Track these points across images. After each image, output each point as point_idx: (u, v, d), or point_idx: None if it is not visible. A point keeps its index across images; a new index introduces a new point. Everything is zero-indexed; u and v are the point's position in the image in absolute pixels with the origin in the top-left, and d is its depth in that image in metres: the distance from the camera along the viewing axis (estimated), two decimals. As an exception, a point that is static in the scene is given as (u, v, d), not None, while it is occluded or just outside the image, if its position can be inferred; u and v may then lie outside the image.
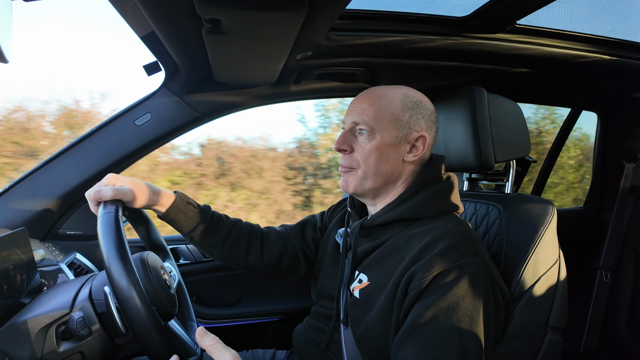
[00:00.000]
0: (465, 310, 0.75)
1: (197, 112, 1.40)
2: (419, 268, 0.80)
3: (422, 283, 0.78)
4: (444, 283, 0.77)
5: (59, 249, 1.30)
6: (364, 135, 0.92)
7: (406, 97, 0.93)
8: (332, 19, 1.01)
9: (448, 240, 0.82)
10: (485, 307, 0.78)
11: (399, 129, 0.91)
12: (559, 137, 2.15)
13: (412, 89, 0.97)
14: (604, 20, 1.40)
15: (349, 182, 0.94)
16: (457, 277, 0.77)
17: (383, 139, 0.91)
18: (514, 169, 1.30)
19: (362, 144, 0.92)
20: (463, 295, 0.76)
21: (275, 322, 1.62)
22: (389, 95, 0.93)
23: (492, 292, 0.81)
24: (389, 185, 0.95)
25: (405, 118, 0.92)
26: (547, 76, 1.57)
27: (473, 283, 0.78)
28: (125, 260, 0.72)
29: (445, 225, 0.86)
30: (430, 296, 0.77)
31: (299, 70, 1.37)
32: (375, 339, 0.85)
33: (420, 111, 0.93)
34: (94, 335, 0.79)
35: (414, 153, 0.93)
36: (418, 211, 0.90)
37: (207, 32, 0.88)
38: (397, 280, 0.83)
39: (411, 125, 0.92)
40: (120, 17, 0.99)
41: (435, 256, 0.80)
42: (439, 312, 0.75)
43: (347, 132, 0.95)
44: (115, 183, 0.91)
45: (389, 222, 0.92)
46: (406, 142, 0.92)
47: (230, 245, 1.10)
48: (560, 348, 0.99)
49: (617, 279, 2.03)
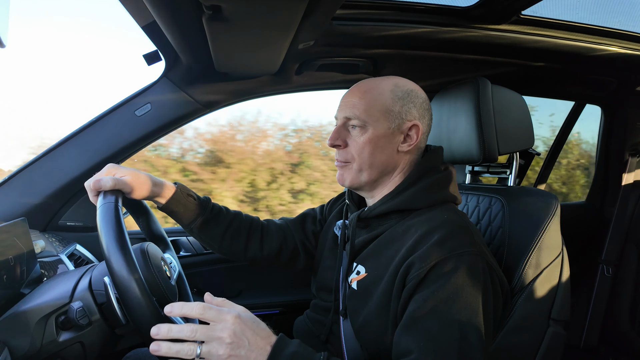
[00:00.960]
0: (465, 300, 0.75)
1: (198, 103, 1.39)
2: (417, 258, 0.79)
3: (420, 273, 0.78)
4: (442, 273, 0.77)
5: (59, 240, 1.30)
6: (356, 129, 0.92)
7: (396, 87, 0.93)
8: (334, 8, 1.00)
9: (444, 230, 0.82)
10: (485, 296, 0.78)
11: (390, 120, 0.91)
12: (562, 130, 2.13)
13: (403, 79, 0.96)
14: (610, 12, 1.38)
15: (345, 176, 0.94)
16: (455, 266, 0.77)
17: (376, 131, 0.90)
18: (517, 161, 1.29)
19: (355, 138, 0.92)
20: (462, 285, 0.76)
21: (276, 315, 1.62)
22: (378, 87, 0.93)
23: (490, 281, 0.81)
24: (385, 176, 0.95)
25: (397, 108, 0.91)
26: (552, 68, 1.55)
27: (471, 272, 0.77)
28: (126, 251, 0.71)
29: (442, 216, 0.86)
30: (428, 287, 0.77)
31: (301, 61, 1.35)
32: (374, 331, 0.85)
33: (412, 100, 0.93)
34: (93, 325, 0.79)
35: (408, 142, 0.93)
36: (415, 202, 0.90)
37: (208, 19, 0.87)
38: (395, 271, 0.82)
39: (403, 115, 0.91)
40: (122, 6, 0.99)
41: (433, 246, 0.79)
42: (438, 303, 0.75)
43: (340, 127, 0.95)
44: (115, 173, 0.90)
45: (386, 213, 0.92)
46: (399, 132, 0.92)
47: (230, 237, 1.10)
48: (562, 341, 0.99)
49: (619, 273, 2.03)
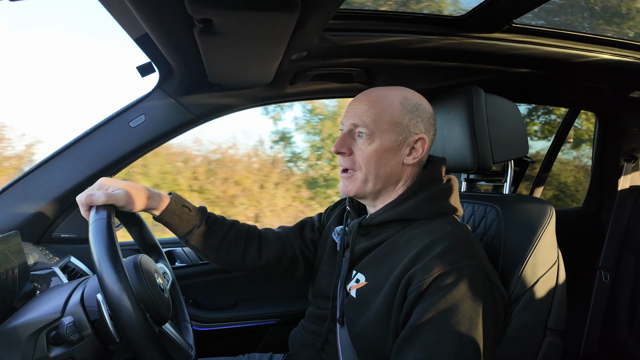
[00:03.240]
0: (464, 313, 0.75)
1: (192, 114, 1.39)
2: (418, 270, 0.79)
3: (421, 285, 0.78)
4: (443, 286, 0.77)
5: (52, 252, 1.29)
6: (363, 138, 0.91)
7: (405, 100, 0.92)
8: (326, 19, 1.00)
9: (446, 242, 0.82)
10: (484, 310, 0.77)
11: (398, 133, 0.91)
12: (557, 136, 2.14)
13: (411, 91, 0.96)
14: (600, 19, 1.39)
15: (350, 186, 0.94)
16: (455, 279, 0.77)
17: (383, 143, 0.90)
18: (512, 169, 1.29)
19: (361, 147, 0.92)
20: (462, 297, 0.76)
21: (272, 326, 1.61)
22: (388, 98, 0.92)
23: (490, 296, 0.81)
24: (389, 187, 0.95)
25: (405, 121, 0.91)
26: (545, 76, 1.56)
27: (471, 286, 0.77)
28: (118, 270, 0.71)
29: (444, 228, 0.86)
30: (429, 299, 0.77)
31: (295, 71, 1.36)
32: (372, 340, 0.85)
33: (420, 114, 0.93)
34: (85, 340, 0.78)
35: (414, 155, 0.93)
36: (416, 212, 0.90)
37: (199, 32, 0.88)
38: (396, 282, 0.82)
39: (410, 128, 0.91)
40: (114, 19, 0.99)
41: (434, 258, 0.79)
42: (437, 314, 0.75)
43: (345, 134, 0.94)
44: (108, 187, 0.90)
45: (387, 222, 0.92)
46: (406, 145, 0.92)
47: (227, 248, 1.09)
48: (559, 351, 0.98)
49: (617, 279, 2.02)
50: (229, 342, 1.59)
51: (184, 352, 0.90)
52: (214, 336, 1.56)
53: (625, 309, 1.99)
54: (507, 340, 0.93)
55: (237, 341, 1.60)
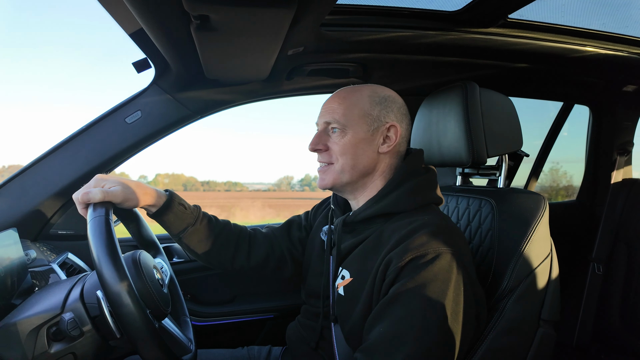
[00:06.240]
0: (432, 293, 0.76)
1: (188, 109, 1.39)
2: (395, 254, 0.81)
3: (396, 268, 0.79)
4: (416, 266, 0.78)
5: (50, 249, 1.29)
6: (336, 132, 0.94)
7: (374, 93, 0.95)
8: (322, 15, 1.00)
9: (425, 230, 0.83)
10: (455, 293, 0.78)
11: (369, 123, 0.93)
12: (551, 131, 2.16)
13: (380, 86, 0.99)
14: (595, 14, 1.40)
15: (327, 179, 0.96)
16: (428, 261, 0.78)
17: (355, 134, 0.93)
18: (506, 163, 1.30)
19: (335, 141, 0.94)
20: (432, 278, 0.77)
21: (270, 319, 1.62)
22: (357, 93, 0.95)
23: (462, 282, 0.80)
24: (366, 178, 0.96)
25: (375, 112, 0.94)
26: (540, 70, 1.57)
27: (444, 269, 0.78)
28: (118, 266, 0.71)
29: (423, 217, 0.87)
30: (402, 279, 0.79)
31: (291, 67, 1.36)
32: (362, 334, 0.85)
33: (389, 105, 0.95)
34: (86, 336, 0.78)
35: (388, 144, 0.95)
36: (399, 205, 0.91)
37: (196, 28, 0.87)
38: (376, 272, 0.84)
39: (381, 117, 0.94)
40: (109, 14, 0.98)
41: (411, 243, 0.81)
42: (406, 292, 0.77)
43: (320, 132, 0.97)
44: (104, 184, 0.90)
45: (371, 217, 0.93)
46: (379, 134, 0.94)
47: (219, 248, 1.09)
48: (552, 341, 1.00)
49: (610, 271, 2.05)
50: (227, 336, 1.60)
51: (184, 346, 0.91)
52: (212, 330, 1.57)
53: (618, 300, 2.02)
54: (501, 332, 0.94)
55: (236, 335, 1.61)
